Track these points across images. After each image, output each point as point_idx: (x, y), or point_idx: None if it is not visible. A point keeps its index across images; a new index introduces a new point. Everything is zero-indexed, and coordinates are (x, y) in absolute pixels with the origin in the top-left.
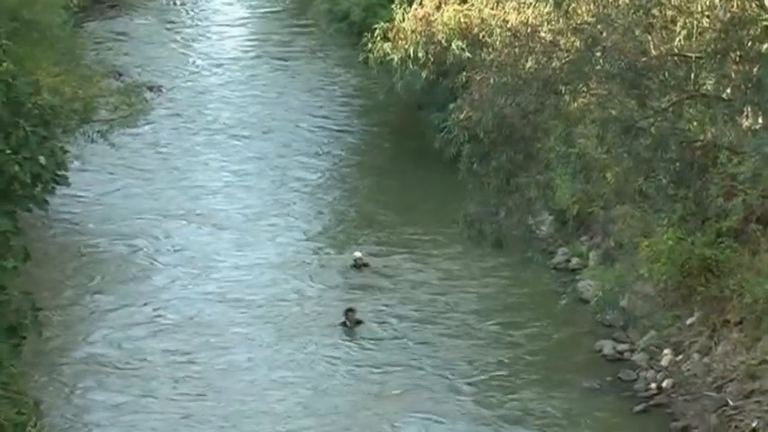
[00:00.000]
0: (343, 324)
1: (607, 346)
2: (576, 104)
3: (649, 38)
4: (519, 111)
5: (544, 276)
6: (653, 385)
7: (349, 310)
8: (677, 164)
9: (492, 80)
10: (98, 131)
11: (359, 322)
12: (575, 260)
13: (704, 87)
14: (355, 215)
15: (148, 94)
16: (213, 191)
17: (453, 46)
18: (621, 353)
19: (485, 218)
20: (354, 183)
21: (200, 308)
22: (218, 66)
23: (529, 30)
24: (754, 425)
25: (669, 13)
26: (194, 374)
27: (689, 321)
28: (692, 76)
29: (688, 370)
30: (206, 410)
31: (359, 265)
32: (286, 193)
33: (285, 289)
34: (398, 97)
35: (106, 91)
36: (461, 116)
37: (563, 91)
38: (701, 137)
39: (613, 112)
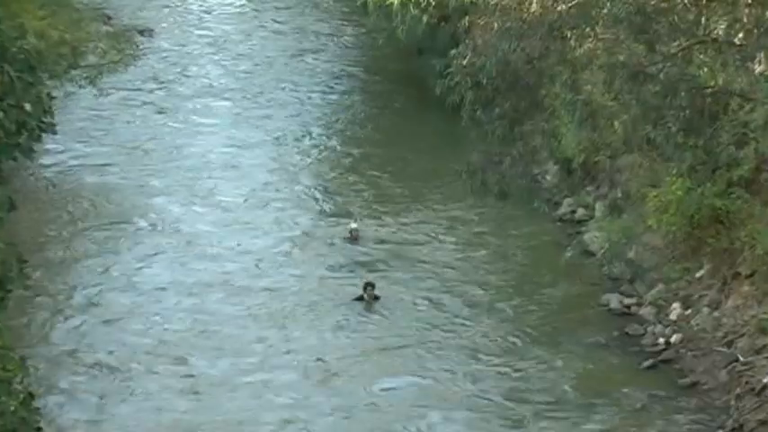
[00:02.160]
0: (360, 299)
1: (613, 300)
2: (582, 50)
3: None
4: (523, 56)
5: (549, 228)
6: (661, 340)
7: (368, 285)
8: (687, 111)
9: (495, 24)
10: (86, 77)
11: (376, 297)
12: (580, 211)
13: (715, 32)
14: (353, 169)
15: (139, 39)
16: (203, 140)
17: None
18: (628, 307)
19: (488, 168)
20: (351, 134)
21: (188, 270)
22: (212, 9)
23: None
24: (765, 381)
25: None
26: (180, 325)
27: (698, 274)
28: (703, 19)
29: (697, 324)
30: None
31: (354, 237)
32: (276, 145)
33: (275, 262)
34: (398, 43)
35: (95, 35)
36: (464, 62)
37: (569, 36)
38: (712, 83)
39: (621, 58)
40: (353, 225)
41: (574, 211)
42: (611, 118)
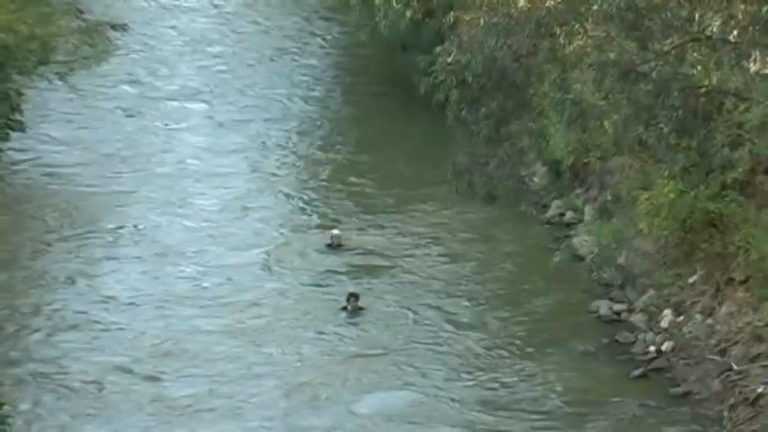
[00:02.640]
0: (344, 310)
1: (603, 307)
2: (571, 47)
3: None
4: (510, 54)
5: (537, 231)
6: (652, 348)
7: (351, 295)
8: (680, 111)
9: (482, 20)
10: (57, 73)
11: (360, 308)
12: (569, 214)
13: (709, 29)
14: (334, 174)
15: (112, 34)
16: (178, 144)
17: None
18: (619, 313)
19: (474, 169)
20: (333, 137)
21: (161, 283)
22: (188, 5)
23: None
24: (759, 390)
25: None
26: (152, 341)
27: (691, 280)
28: (697, 16)
29: (690, 332)
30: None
31: (335, 245)
32: (255, 150)
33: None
34: (382, 40)
35: (66, 30)
36: (449, 59)
37: (558, 32)
38: (706, 82)
39: (612, 56)
40: (335, 232)
41: (562, 214)
42: (601, 118)
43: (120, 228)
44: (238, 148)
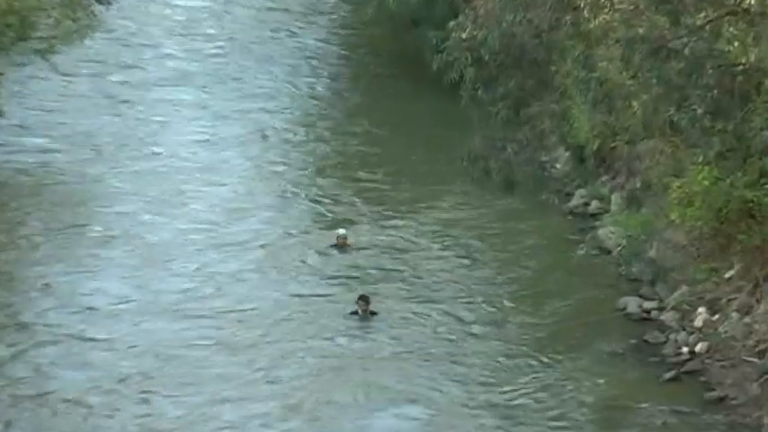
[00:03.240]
0: (354, 314)
1: (632, 304)
2: (597, 21)
3: None
4: (530, 29)
5: (559, 222)
6: (684, 349)
7: (362, 298)
8: (715, 91)
9: None
10: (37, 50)
11: (372, 313)
12: (594, 203)
13: (747, 1)
14: (341, 166)
15: (97, 8)
16: (170, 134)
17: None
18: (648, 311)
19: (491, 154)
20: (339, 125)
21: (149, 289)
22: None
23: None
24: None
25: None
26: (139, 354)
27: (727, 275)
28: None
29: (726, 332)
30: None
31: (341, 245)
32: (253, 141)
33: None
34: (389, 14)
35: (47, 3)
36: (463, 35)
37: (582, 5)
38: (743, 59)
39: (641, 31)
40: (341, 231)
41: (587, 204)
42: (629, 98)
43: (104, 228)
44: (235, 140)
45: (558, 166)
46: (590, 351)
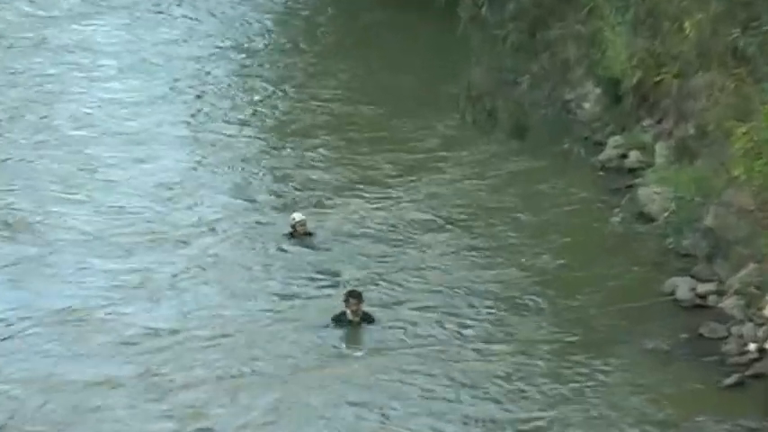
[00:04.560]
0: (340, 320)
1: (682, 287)
2: None
3: None
4: None
5: (587, 181)
6: (751, 346)
7: (351, 296)
8: None
9: None
10: None
11: (367, 319)
12: (633, 155)
13: None
14: (305, 129)
15: None
16: (84, 93)
17: None
18: (704, 296)
19: (497, 91)
20: (301, 62)
21: (47, 296)
22: None
23: None
24: None
25: None
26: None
27: None
28: None
29: None
30: None
31: (299, 234)
32: (191, 101)
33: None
34: None
35: None
36: None
37: None
38: None
39: None
40: (297, 216)
41: (624, 156)
42: (679, 18)
43: None
44: (164, 98)
45: (585, 106)
46: (629, 349)
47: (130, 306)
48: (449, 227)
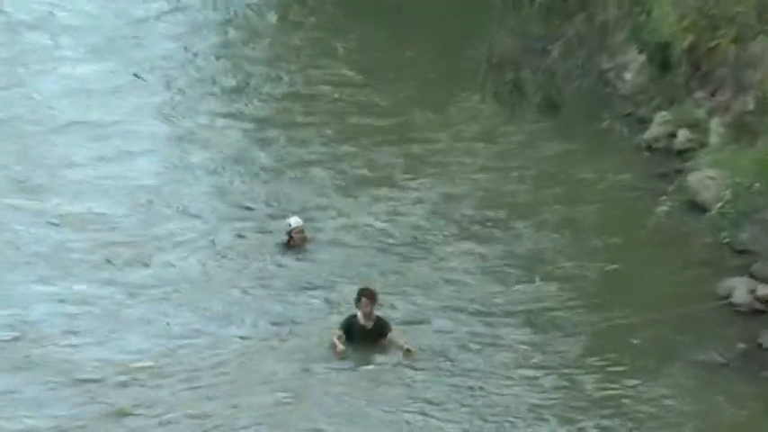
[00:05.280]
0: (349, 323)
1: (740, 289)
2: None
3: None
4: None
5: (630, 163)
6: None
7: (363, 294)
8: None
9: None
10: None
11: (382, 327)
12: (683, 134)
13: None
14: (301, 121)
15: None
16: (41, 74)
17: None
18: (765, 301)
19: (524, 61)
20: (302, 22)
21: None
22: None
23: None
24: None
25: None
26: None
27: None
28: None
29: None
30: None
31: (297, 243)
32: (166, 86)
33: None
34: None
35: None
36: None
37: None
38: None
39: None
40: (294, 221)
41: (672, 135)
42: None
43: None
44: (137, 84)
45: (627, 77)
46: (678, 361)
47: (88, 337)
48: (468, 232)
